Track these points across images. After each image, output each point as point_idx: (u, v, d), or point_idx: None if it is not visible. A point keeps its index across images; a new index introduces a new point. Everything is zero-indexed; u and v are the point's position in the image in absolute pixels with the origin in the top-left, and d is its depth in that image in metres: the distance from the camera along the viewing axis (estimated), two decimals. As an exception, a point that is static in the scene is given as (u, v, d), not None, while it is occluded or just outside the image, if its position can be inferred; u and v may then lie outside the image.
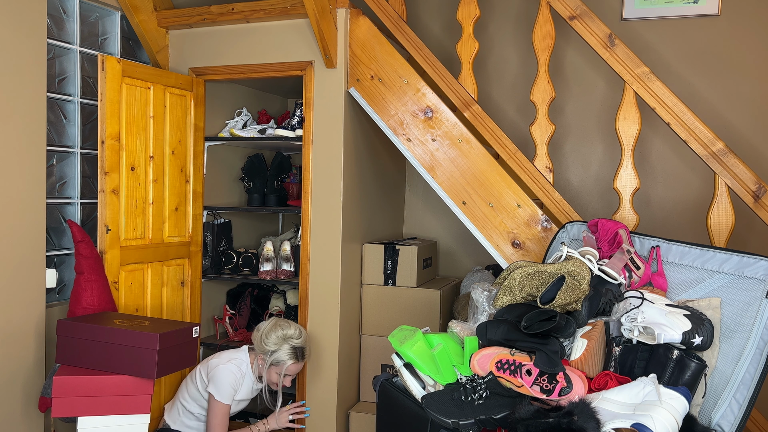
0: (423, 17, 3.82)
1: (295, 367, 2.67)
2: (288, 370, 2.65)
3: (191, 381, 2.68)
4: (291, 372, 2.66)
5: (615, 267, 1.94)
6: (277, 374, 2.64)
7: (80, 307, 2.49)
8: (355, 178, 3.05)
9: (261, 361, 2.65)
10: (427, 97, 2.77)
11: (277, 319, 2.69)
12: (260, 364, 2.65)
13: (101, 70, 2.60)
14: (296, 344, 2.65)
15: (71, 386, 2.16)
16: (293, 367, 2.66)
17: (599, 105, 3.51)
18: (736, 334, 1.72)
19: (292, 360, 2.64)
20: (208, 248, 3.32)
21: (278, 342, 2.62)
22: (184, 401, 2.67)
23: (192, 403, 2.66)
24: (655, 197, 3.42)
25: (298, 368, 2.68)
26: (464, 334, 1.98)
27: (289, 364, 2.64)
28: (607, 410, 1.54)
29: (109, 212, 2.64)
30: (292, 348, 2.64)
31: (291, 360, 2.63)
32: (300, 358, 2.66)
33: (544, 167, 2.61)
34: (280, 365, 2.63)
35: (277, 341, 2.62)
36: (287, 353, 2.63)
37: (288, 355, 2.63)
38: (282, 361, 2.63)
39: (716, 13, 3.27)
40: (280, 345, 2.62)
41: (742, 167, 2.30)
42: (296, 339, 2.65)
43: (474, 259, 3.73)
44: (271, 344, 2.62)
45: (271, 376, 2.66)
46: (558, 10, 2.52)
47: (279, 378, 2.64)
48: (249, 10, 2.96)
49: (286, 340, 2.63)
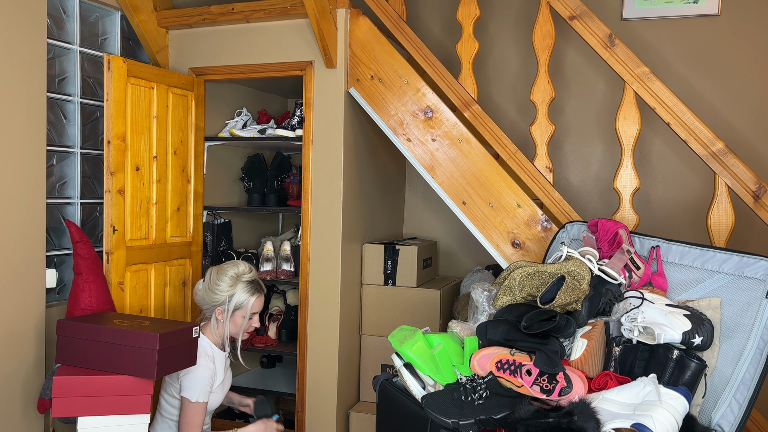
0: (423, 17, 3.82)
1: (260, 302, 2.44)
2: (254, 307, 2.42)
3: (167, 394, 2.42)
4: (256, 308, 2.43)
5: (615, 267, 1.94)
6: (243, 317, 2.40)
7: (78, 308, 2.48)
8: (355, 178, 3.05)
9: (220, 316, 2.40)
10: (427, 97, 2.77)
11: (215, 267, 2.46)
12: (220, 318, 2.40)
13: (107, 70, 2.60)
14: (250, 278, 2.42)
15: (71, 386, 2.16)
16: (258, 302, 2.43)
17: (599, 105, 3.51)
18: (736, 334, 1.72)
19: (255, 295, 2.41)
20: (208, 248, 3.32)
21: (232, 283, 2.38)
22: (170, 415, 2.42)
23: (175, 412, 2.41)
24: (655, 197, 3.42)
25: (261, 303, 2.45)
26: (464, 334, 1.98)
27: (254, 301, 2.41)
28: (607, 410, 1.54)
29: (115, 212, 2.65)
30: (248, 283, 2.41)
31: (253, 296, 2.41)
32: (261, 290, 2.44)
33: (544, 167, 2.61)
34: (243, 306, 2.39)
35: (231, 282, 2.38)
36: (246, 290, 2.40)
37: (248, 292, 2.40)
38: (244, 301, 2.39)
39: (716, 13, 3.27)
40: (235, 285, 2.39)
41: (742, 167, 2.30)
42: (248, 274, 2.43)
43: (474, 259, 3.73)
44: (225, 289, 2.38)
45: (237, 323, 2.41)
46: (558, 10, 2.52)
47: (244, 321, 2.41)
48: (249, 10, 2.96)
49: (239, 278, 2.40)
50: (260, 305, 2.45)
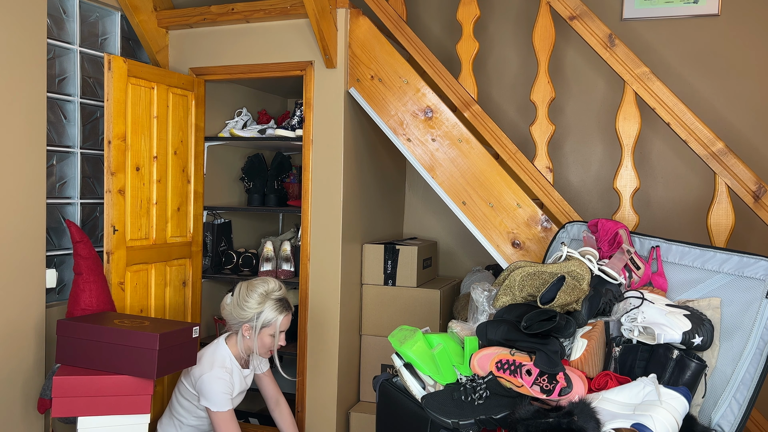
0: (423, 17, 3.82)
1: (287, 321, 2.43)
2: (282, 325, 2.41)
3: (180, 395, 2.46)
4: (284, 327, 2.43)
5: (615, 267, 1.94)
6: (271, 336, 2.41)
7: (79, 308, 2.48)
8: (355, 178, 3.05)
9: (247, 332, 2.41)
10: (427, 97, 2.78)
11: (245, 282, 2.46)
12: (246, 335, 2.41)
13: (108, 70, 2.60)
14: (279, 296, 2.43)
15: (71, 386, 2.16)
16: (285, 320, 2.42)
17: (599, 105, 3.51)
18: (736, 334, 1.72)
19: (283, 313, 2.41)
20: (208, 248, 3.32)
21: (261, 301, 2.39)
22: (179, 416, 2.47)
23: (189, 417, 2.46)
24: (655, 197, 3.42)
25: (288, 322, 2.45)
26: (464, 334, 1.98)
27: (282, 319, 2.40)
28: (607, 410, 1.54)
29: (115, 212, 2.65)
30: (277, 301, 2.41)
31: (282, 314, 2.40)
32: (289, 309, 2.43)
33: (544, 167, 2.61)
34: (272, 324, 2.39)
35: (260, 300, 2.39)
36: (275, 308, 2.39)
37: (277, 311, 2.39)
38: (272, 319, 2.39)
39: (716, 13, 3.27)
40: (264, 303, 2.39)
41: (742, 167, 2.30)
42: (277, 291, 2.43)
43: (474, 259, 3.73)
44: (254, 306, 2.38)
45: (264, 341, 2.41)
46: (558, 10, 2.52)
47: (274, 339, 2.41)
48: (249, 10, 2.96)
49: (268, 296, 2.40)
50: (288, 323, 2.44)
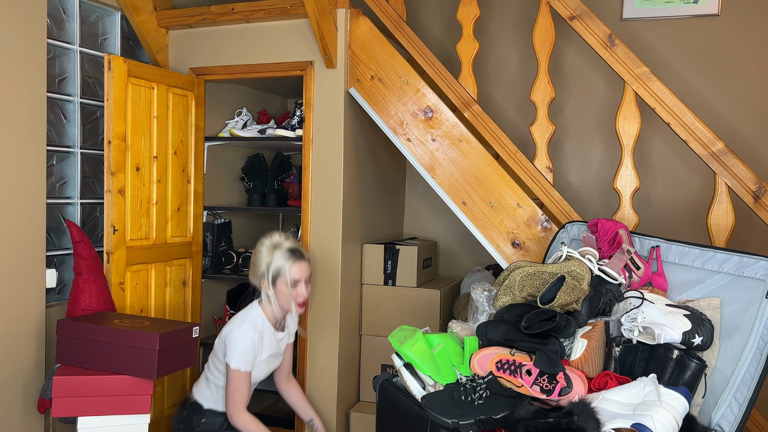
0: (423, 17, 3.82)
1: (299, 268, 2.34)
2: (292, 273, 2.32)
3: (214, 356, 2.43)
4: (296, 275, 2.33)
5: (615, 267, 1.94)
6: (285, 285, 2.32)
7: (79, 308, 2.49)
8: (355, 178, 3.05)
9: (266, 288, 2.35)
10: (427, 97, 2.77)
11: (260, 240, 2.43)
12: (268, 293, 2.36)
13: (108, 70, 2.60)
14: (288, 246, 2.36)
15: (71, 386, 2.16)
16: (296, 268, 2.33)
17: (599, 105, 3.51)
18: (736, 334, 1.72)
19: (290, 260, 2.33)
20: (208, 248, 3.32)
21: (269, 253, 2.34)
22: (214, 378, 2.42)
23: (222, 379, 2.39)
24: (655, 197, 3.42)
25: (303, 270, 2.35)
26: (464, 334, 1.98)
27: (290, 266, 2.32)
28: (607, 410, 1.54)
29: (115, 212, 2.65)
30: (286, 251, 2.34)
31: (289, 261, 2.32)
32: (299, 257, 2.36)
33: (544, 167, 2.61)
34: (282, 273, 2.32)
35: (268, 252, 2.34)
36: (282, 257, 2.33)
37: (284, 258, 2.32)
38: (281, 267, 2.32)
39: (716, 13, 3.27)
40: (272, 253, 2.34)
41: (742, 167, 2.30)
42: (285, 242, 2.37)
43: (474, 259, 3.73)
44: (264, 259, 2.34)
45: (282, 292, 2.33)
46: (558, 10, 2.52)
47: (288, 289, 2.32)
48: (249, 10, 2.96)
49: (276, 246, 2.35)
50: (301, 272, 2.35)
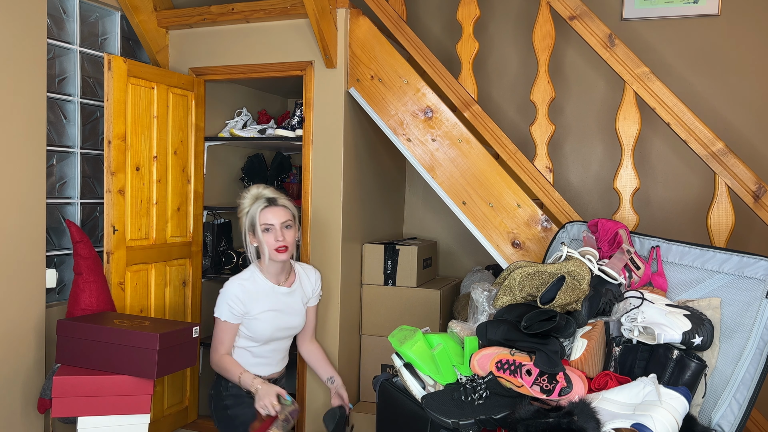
0: (423, 17, 3.82)
1: (272, 213, 2.32)
2: (263, 218, 2.31)
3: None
4: (267, 219, 2.31)
5: (615, 267, 1.94)
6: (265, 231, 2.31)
7: (79, 308, 2.49)
8: (355, 178, 3.05)
9: (251, 239, 2.36)
10: (427, 97, 2.77)
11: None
12: (253, 243, 2.37)
13: (108, 70, 2.60)
14: (257, 193, 2.36)
15: (71, 386, 2.16)
16: (268, 213, 2.31)
17: (599, 105, 3.51)
18: (736, 334, 1.72)
19: (262, 206, 2.32)
20: (208, 248, 3.32)
21: (247, 204, 2.36)
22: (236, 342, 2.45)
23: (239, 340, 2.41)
24: (655, 197, 3.42)
25: (276, 214, 2.32)
26: (464, 334, 1.98)
27: (260, 211, 2.31)
28: (607, 410, 1.54)
29: (115, 212, 2.65)
30: (257, 199, 2.34)
31: (259, 206, 2.32)
32: (272, 202, 2.34)
33: (544, 167, 2.61)
34: (255, 220, 2.32)
35: (248, 205, 2.35)
36: (256, 204, 2.33)
37: (257, 205, 2.32)
38: (254, 215, 2.32)
39: (716, 13, 3.27)
40: (246, 205, 2.35)
41: (742, 167, 2.30)
42: (264, 191, 2.37)
43: (474, 259, 3.73)
44: (244, 211, 2.36)
45: (261, 240, 2.32)
46: (558, 10, 2.52)
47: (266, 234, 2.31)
48: (249, 10, 2.96)
49: (251, 198, 2.36)
50: (274, 216, 2.32)
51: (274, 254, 2.32)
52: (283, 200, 2.38)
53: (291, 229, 2.36)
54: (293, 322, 2.46)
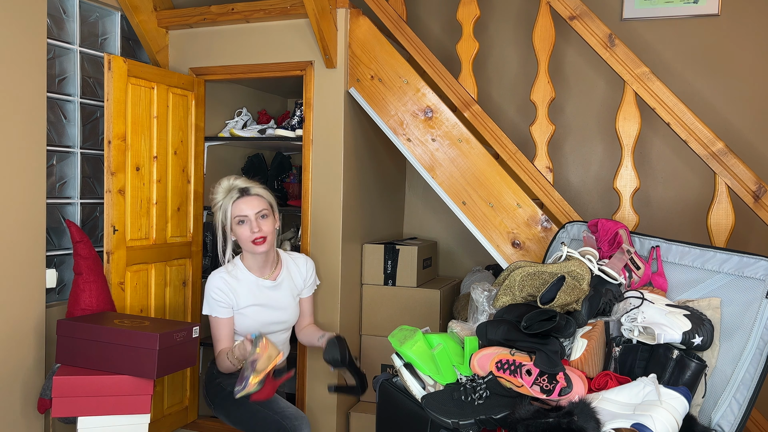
0: (423, 17, 3.82)
1: (244, 204, 2.22)
2: (235, 210, 2.22)
3: None
4: (240, 212, 2.22)
5: (615, 267, 1.94)
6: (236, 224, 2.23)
7: (79, 308, 2.49)
8: (355, 178, 3.05)
9: (229, 232, 2.27)
10: (427, 97, 2.77)
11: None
12: (232, 237, 2.28)
13: (108, 70, 2.60)
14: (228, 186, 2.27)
15: (71, 386, 2.16)
16: (240, 204, 2.22)
17: (599, 105, 3.51)
18: (736, 334, 1.72)
19: (233, 198, 2.23)
20: (208, 248, 3.32)
21: (221, 197, 2.27)
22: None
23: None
24: (655, 197, 3.42)
25: (249, 204, 2.23)
26: (464, 334, 1.98)
27: (232, 204, 2.23)
28: (607, 410, 1.54)
29: (115, 212, 2.65)
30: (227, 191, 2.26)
31: (231, 198, 2.23)
32: (244, 192, 2.25)
33: (544, 167, 2.61)
34: (228, 214, 2.23)
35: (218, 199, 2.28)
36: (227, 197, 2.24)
37: (228, 198, 2.24)
38: (226, 208, 2.23)
39: (716, 13, 3.27)
40: (219, 199, 2.28)
41: (742, 167, 2.30)
42: (236, 181, 2.29)
43: (474, 259, 3.73)
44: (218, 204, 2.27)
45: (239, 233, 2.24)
46: (558, 10, 2.52)
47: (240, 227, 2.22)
48: (249, 10, 2.96)
49: (222, 192, 2.28)
50: (247, 207, 2.23)
51: (252, 247, 2.23)
52: (256, 189, 2.28)
53: (268, 219, 2.26)
54: (282, 316, 2.36)
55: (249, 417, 2.23)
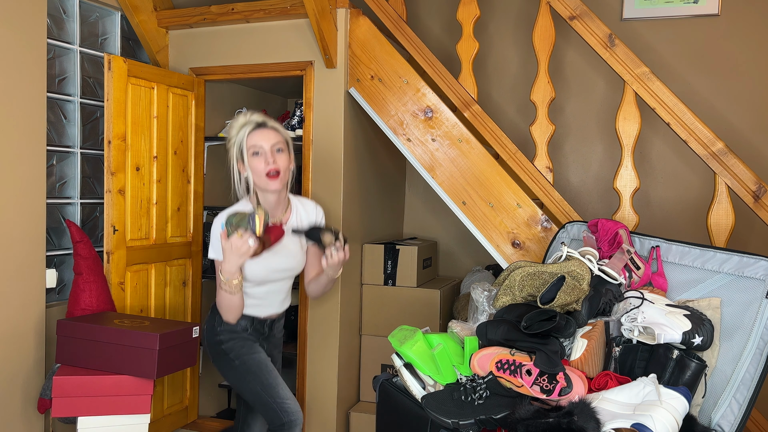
0: (423, 17, 3.82)
1: (260, 135, 2.12)
2: (250, 140, 2.11)
3: None
4: (256, 141, 2.11)
5: (615, 267, 1.94)
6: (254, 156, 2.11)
7: (79, 308, 2.49)
8: (355, 178, 3.05)
9: (240, 167, 2.16)
10: (427, 97, 2.77)
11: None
12: (242, 172, 2.16)
13: (108, 70, 2.60)
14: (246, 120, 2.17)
15: (71, 386, 2.16)
16: (256, 135, 2.12)
17: (599, 105, 3.51)
18: (736, 334, 1.72)
19: (247, 129, 2.13)
20: (208, 248, 3.32)
21: (236, 131, 2.17)
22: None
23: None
24: (655, 197, 3.42)
25: (266, 136, 2.12)
26: (464, 334, 1.98)
27: (247, 134, 2.12)
28: (607, 410, 1.54)
29: (115, 212, 2.65)
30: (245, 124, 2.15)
31: (246, 130, 2.13)
32: (261, 125, 2.15)
33: (544, 167, 2.61)
34: (242, 143, 2.12)
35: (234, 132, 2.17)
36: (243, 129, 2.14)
37: (245, 130, 2.13)
38: (241, 139, 2.12)
39: (716, 13, 3.27)
40: (235, 132, 2.17)
41: (742, 167, 2.30)
42: (253, 117, 2.19)
43: (474, 259, 3.73)
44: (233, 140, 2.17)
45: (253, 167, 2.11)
46: (558, 10, 2.52)
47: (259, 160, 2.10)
48: (249, 10, 2.96)
49: (239, 126, 2.17)
50: (263, 138, 2.12)
51: (265, 181, 2.10)
52: (273, 123, 2.19)
53: (283, 153, 2.14)
54: (288, 263, 2.22)
55: (250, 395, 2.17)
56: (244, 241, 1.95)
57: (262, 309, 2.23)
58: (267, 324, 2.27)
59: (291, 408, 2.17)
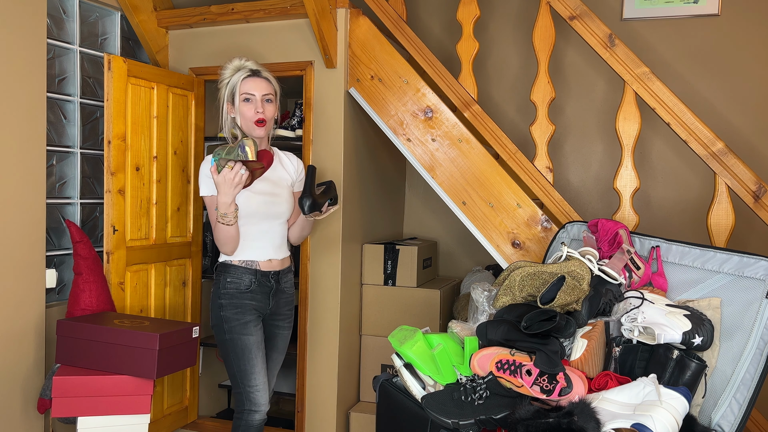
0: (423, 17, 3.82)
1: (253, 83, 2.24)
2: (243, 87, 2.23)
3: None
4: (249, 89, 2.24)
5: (615, 267, 1.94)
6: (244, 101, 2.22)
7: (78, 309, 2.49)
8: (355, 178, 3.05)
9: (230, 110, 2.29)
10: (427, 97, 2.77)
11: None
12: (231, 114, 2.29)
13: (107, 70, 2.60)
14: (240, 65, 2.27)
15: (71, 386, 2.16)
16: (250, 83, 2.24)
17: (599, 105, 3.51)
18: (736, 334, 1.72)
19: (242, 75, 2.24)
20: (208, 248, 3.32)
21: (230, 74, 2.28)
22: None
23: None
24: (655, 197, 3.42)
25: (258, 85, 2.24)
26: (464, 334, 1.98)
27: (242, 80, 2.24)
28: (607, 410, 1.54)
29: (115, 212, 2.65)
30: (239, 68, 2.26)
31: (241, 76, 2.24)
32: (255, 74, 2.26)
33: (544, 167, 2.61)
34: (235, 88, 2.24)
35: (229, 74, 2.28)
36: (238, 74, 2.25)
37: (239, 75, 2.24)
38: (234, 84, 2.24)
39: (716, 13, 3.27)
40: (230, 75, 2.28)
41: (742, 167, 2.30)
42: (248, 62, 2.28)
43: (474, 259, 3.73)
44: (225, 81, 2.27)
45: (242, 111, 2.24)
46: (558, 10, 2.52)
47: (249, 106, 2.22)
48: (249, 10, 2.96)
49: (232, 69, 2.28)
50: (255, 87, 2.24)
51: (252, 127, 2.24)
52: (266, 73, 2.31)
53: (271, 104, 2.28)
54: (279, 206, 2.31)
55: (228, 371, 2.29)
56: (235, 171, 2.09)
57: (260, 252, 2.29)
58: (272, 276, 2.31)
59: (256, 399, 2.26)
